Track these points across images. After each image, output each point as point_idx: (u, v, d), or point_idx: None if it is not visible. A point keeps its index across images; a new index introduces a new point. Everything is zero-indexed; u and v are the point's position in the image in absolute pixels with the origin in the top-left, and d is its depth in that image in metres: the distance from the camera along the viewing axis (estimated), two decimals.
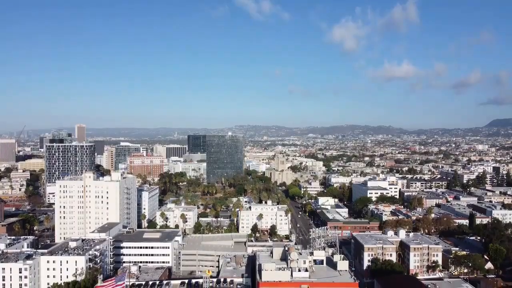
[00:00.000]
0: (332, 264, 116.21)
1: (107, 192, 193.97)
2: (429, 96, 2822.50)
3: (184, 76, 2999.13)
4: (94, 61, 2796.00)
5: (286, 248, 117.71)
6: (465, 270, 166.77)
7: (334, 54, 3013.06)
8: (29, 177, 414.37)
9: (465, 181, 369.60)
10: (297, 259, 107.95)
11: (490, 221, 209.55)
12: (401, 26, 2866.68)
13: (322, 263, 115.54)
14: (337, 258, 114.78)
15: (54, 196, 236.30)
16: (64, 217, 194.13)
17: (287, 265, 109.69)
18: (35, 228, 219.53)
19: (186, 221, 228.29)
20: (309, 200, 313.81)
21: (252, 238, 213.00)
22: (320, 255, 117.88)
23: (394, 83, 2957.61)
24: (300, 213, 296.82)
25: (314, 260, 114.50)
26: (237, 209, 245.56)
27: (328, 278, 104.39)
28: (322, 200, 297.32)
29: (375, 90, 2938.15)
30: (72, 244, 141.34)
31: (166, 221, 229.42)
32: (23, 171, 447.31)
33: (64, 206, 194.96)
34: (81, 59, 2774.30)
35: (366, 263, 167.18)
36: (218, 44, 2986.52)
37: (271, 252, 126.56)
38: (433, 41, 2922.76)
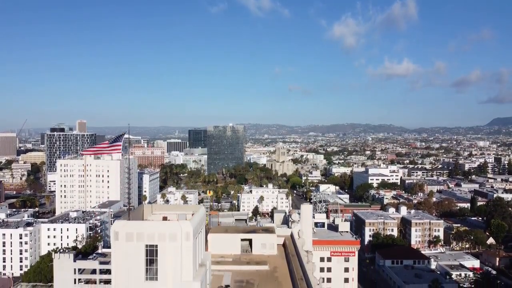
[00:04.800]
0: (333, 228, 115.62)
1: (108, 171, 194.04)
2: (430, 95, 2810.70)
3: (183, 74, 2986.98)
4: (93, 60, 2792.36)
5: (288, 212, 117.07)
6: (467, 246, 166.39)
7: (334, 52, 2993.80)
8: (30, 169, 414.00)
9: (466, 169, 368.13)
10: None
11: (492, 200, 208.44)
12: (401, 23, 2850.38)
13: (323, 226, 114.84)
14: (338, 221, 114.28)
15: (55, 184, 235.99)
16: (65, 196, 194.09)
17: (288, 227, 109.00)
18: (36, 209, 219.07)
19: (187, 203, 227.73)
20: (310, 188, 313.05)
21: (253, 220, 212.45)
22: (321, 217, 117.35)
23: (395, 81, 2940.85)
24: (294, 194, 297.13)
25: (316, 223, 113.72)
26: (238, 194, 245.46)
27: (330, 238, 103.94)
28: (323, 187, 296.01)
29: (375, 88, 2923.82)
30: (73, 215, 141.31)
31: (167, 203, 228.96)
32: (24, 163, 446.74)
33: (65, 185, 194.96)
34: (81, 58, 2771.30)
35: (367, 238, 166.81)
36: (217, 42, 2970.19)
37: (273, 219, 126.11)
38: (433, 39, 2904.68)
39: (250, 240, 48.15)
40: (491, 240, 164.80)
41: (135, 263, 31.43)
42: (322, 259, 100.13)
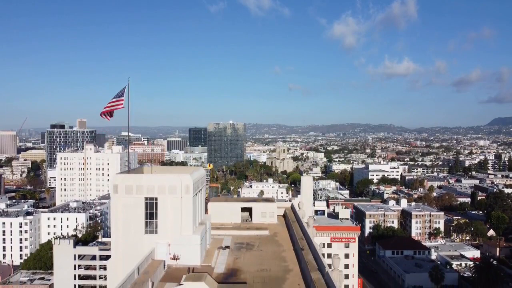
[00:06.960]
0: (333, 216, 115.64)
1: (108, 164, 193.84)
2: (430, 94, 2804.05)
3: (183, 74, 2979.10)
4: (93, 61, 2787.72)
5: (288, 200, 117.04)
6: (467, 237, 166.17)
7: (334, 51, 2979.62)
8: (30, 166, 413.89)
9: (466, 166, 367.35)
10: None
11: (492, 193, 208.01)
12: (401, 22, 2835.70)
13: (324, 214, 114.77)
14: (338, 208, 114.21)
15: (55, 180, 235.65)
16: (65, 189, 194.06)
17: None
18: (36, 201, 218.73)
19: None
20: None
21: None
22: (321, 205, 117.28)
23: (395, 80, 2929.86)
24: (294, 190, 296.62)
25: (316, 211, 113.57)
26: (238, 189, 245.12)
27: (331, 224, 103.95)
28: (323, 183, 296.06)
29: (375, 87, 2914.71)
30: (73, 205, 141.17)
31: None
32: (24, 160, 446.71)
33: (65, 178, 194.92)
34: (81, 58, 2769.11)
35: (367, 230, 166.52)
36: (217, 41, 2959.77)
37: None
38: (434, 38, 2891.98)
39: (250, 210, 48.07)
40: (491, 232, 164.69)
41: (134, 216, 31.34)
42: (322, 245, 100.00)
